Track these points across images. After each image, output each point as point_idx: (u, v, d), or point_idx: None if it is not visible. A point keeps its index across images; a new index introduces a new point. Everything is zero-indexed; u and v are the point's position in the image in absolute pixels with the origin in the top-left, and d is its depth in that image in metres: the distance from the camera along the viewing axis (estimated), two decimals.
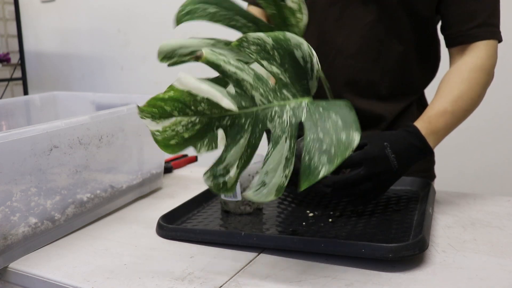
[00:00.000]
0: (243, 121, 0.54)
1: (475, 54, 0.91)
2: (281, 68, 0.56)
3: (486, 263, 0.65)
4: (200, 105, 0.51)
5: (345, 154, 0.50)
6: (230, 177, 0.55)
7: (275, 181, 0.54)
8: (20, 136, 0.70)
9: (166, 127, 0.51)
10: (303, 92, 0.57)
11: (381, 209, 0.83)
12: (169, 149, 0.53)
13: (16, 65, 3.03)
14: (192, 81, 0.50)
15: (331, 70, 1.00)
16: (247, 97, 0.54)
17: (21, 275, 0.70)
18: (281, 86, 0.56)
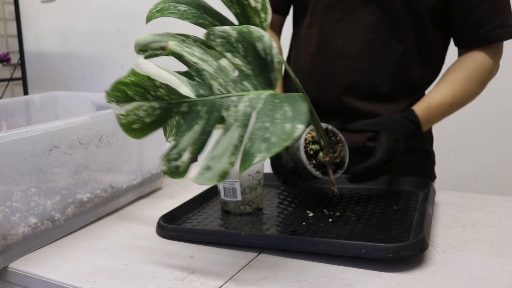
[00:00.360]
0: (199, 108, 0.56)
1: (483, 53, 0.95)
2: (244, 60, 0.58)
3: (486, 263, 0.65)
4: (159, 90, 0.53)
5: (284, 143, 0.51)
6: (182, 161, 0.57)
7: (220, 166, 0.55)
8: (20, 136, 0.70)
9: (129, 111, 0.53)
10: (265, 85, 0.58)
11: (381, 209, 0.83)
12: (132, 133, 0.55)
13: (16, 65, 3.03)
14: (152, 67, 0.52)
15: (332, 71, 1.00)
16: (206, 86, 0.56)
17: (21, 275, 0.70)
18: (242, 78, 0.58)
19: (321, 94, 1.03)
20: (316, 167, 0.81)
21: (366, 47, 0.97)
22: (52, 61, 3.16)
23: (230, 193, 0.83)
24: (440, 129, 1.18)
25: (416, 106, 0.93)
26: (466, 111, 1.97)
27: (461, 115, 1.93)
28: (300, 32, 1.06)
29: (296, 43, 1.09)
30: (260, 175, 0.85)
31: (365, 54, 0.97)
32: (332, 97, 1.02)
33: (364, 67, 0.98)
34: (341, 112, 1.02)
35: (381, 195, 0.90)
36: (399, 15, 0.94)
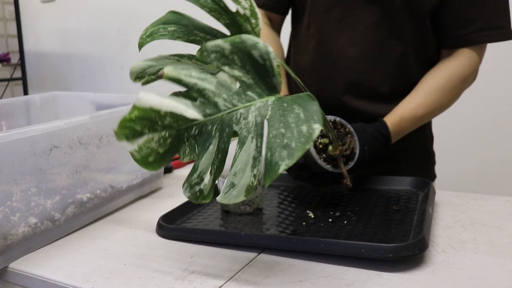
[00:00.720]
0: (210, 128, 0.55)
1: (458, 60, 0.95)
2: (243, 70, 0.57)
3: (486, 263, 0.65)
4: (165, 119, 0.53)
5: (305, 146, 0.51)
6: (205, 184, 0.56)
7: (244, 181, 0.54)
8: (20, 136, 0.70)
9: (141, 145, 0.52)
10: (269, 91, 0.58)
11: (381, 209, 0.83)
12: (150, 167, 0.54)
13: (16, 65, 3.03)
14: (152, 97, 0.51)
15: (332, 72, 1.00)
16: (211, 104, 0.55)
17: (21, 275, 0.70)
18: (245, 88, 0.57)
19: (321, 94, 1.03)
20: (327, 161, 0.81)
21: (366, 48, 0.97)
22: (52, 61, 3.16)
23: None
24: (441, 129, 1.18)
25: (388, 118, 0.93)
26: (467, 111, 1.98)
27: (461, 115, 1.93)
28: (299, 32, 1.06)
29: (295, 43, 1.09)
30: (260, 175, 0.85)
31: (365, 54, 0.97)
32: (332, 97, 1.02)
33: (365, 67, 0.98)
34: (341, 112, 1.02)
35: (381, 195, 0.90)
36: (399, 15, 0.94)
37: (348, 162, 0.83)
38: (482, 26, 0.92)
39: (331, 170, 0.81)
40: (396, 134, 0.93)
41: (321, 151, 0.81)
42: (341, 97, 1.01)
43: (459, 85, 0.96)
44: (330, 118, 0.85)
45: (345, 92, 1.00)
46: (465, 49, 0.95)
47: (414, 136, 1.00)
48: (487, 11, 0.92)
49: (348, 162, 0.83)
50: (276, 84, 0.58)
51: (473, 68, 0.96)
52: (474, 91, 1.10)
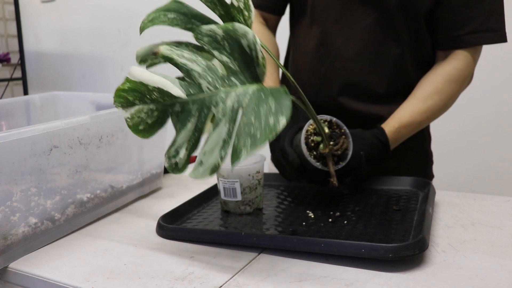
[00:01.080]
0: (191, 107, 0.59)
1: (453, 63, 0.95)
2: (231, 56, 0.60)
3: (486, 263, 0.65)
4: (153, 93, 0.58)
5: (268, 137, 0.54)
6: (180, 158, 0.61)
7: (211, 161, 0.58)
8: (20, 136, 0.70)
9: (133, 114, 0.58)
10: (252, 79, 0.61)
11: (381, 209, 0.83)
12: (140, 134, 0.60)
13: (16, 65, 3.03)
14: (143, 72, 0.56)
15: (330, 72, 1.01)
16: (195, 85, 0.60)
17: (21, 275, 0.70)
18: (230, 74, 0.61)
19: (319, 94, 1.04)
20: (317, 158, 0.81)
21: (363, 49, 0.97)
22: (52, 61, 3.16)
23: (230, 193, 0.83)
24: (441, 129, 1.18)
25: (386, 125, 0.93)
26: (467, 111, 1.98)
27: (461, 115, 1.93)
28: (299, 32, 1.07)
29: (294, 43, 1.09)
30: (260, 175, 0.85)
31: (362, 55, 0.97)
32: (330, 98, 1.02)
33: (362, 68, 0.98)
34: (338, 113, 1.02)
35: (381, 195, 0.90)
36: (395, 17, 0.94)
37: (339, 162, 0.83)
38: (477, 28, 0.92)
39: (320, 167, 0.81)
40: (395, 141, 0.93)
41: (312, 148, 0.82)
42: (338, 97, 1.01)
43: (456, 88, 0.96)
44: (326, 118, 0.85)
45: (342, 93, 1.01)
46: (460, 51, 0.95)
47: (412, 136, 1.00)
48: (482, 13, 0.92)
49: (340, 162, 0.83)
50: (259, 74, 0.61)
51: (469, 70, 0.96)
52: (474, 91, 1.11)
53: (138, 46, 0.70)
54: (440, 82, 0.95)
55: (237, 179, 0.83)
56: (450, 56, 0.96)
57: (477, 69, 0.99)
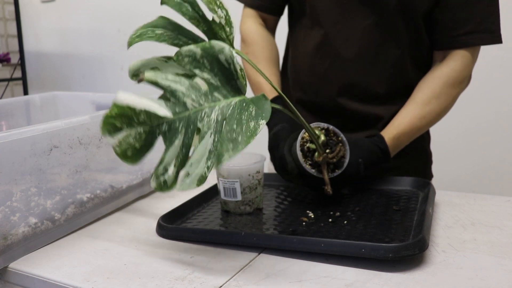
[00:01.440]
0: (177, 125, 0.61)
1: (451, 65, 0.95)
2: (211, 73, 0.63)
3: (486, 263, 0.65)
4: (140, 116, 0.58)
5: (249, 140, 0.57)
6: (168, 176, 0.61)
7: (198, 171, 0.60)
8: (20, 136, 0.70)
9: (120, 140, 0.58)
10: (234, 92, 0.64)
11: (381, 209, 0.83)
12: (128, 160, 0.59)
13: (16, 65, 3.03)
14: (129, 97, 0.57)
15: (330, 72, 1.01)
16: (180, 104, 0.61)
17: (21, 275, 0.70)
18: (212, 90, 0.63)
19: (318, 94, 1.04)
20: (313, 165, 0.81)
21: (363, 49, 0.97)
22: (52, 61, 3.16)
23: (230, 193, 0.84)
24: (441, 129, 1.18)
25: (385, 133, 0.93)
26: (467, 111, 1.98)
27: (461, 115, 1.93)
28: (298, 32, 1.07)
29: (293, 43, 1.09)
30: (260, 175, 0.85)
31: (362, 56, 0.97)
32: (329, 98, 1.02)
33: (361, 69, 0.99)
34: (337, 113, 1.02)
35: (381, 195, 0.90)
36: (394, 18, 0.94)
37: (335, 170, 0.83)
38: (474, 29, 0.92)
39: (315, 174, 0.81)
40: (395, 148, 0.93)
41: (308, 155, 0.82)
42: (337, 98, 1.01)
43: (454, 90, 0.96)
44: (323, 126, 0.84)
45: (341, 93, 1.01)
46: (458, 51, 0.94)
47: None
48: (479, 14, 0.92)
49: (336, 170, 0.83)
50: (240, 86, 0.64)
51: (466, 71, 0.96)
52: (473, 91, 1.11)
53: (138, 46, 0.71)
54: (439, 86, 0.95)
55: (237, 179, 0.83)
56: (448, 57, 0.96)
57: (477, 69, 0.99)
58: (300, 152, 0.81)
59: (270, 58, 1.07)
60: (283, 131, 0.89)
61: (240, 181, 0.83)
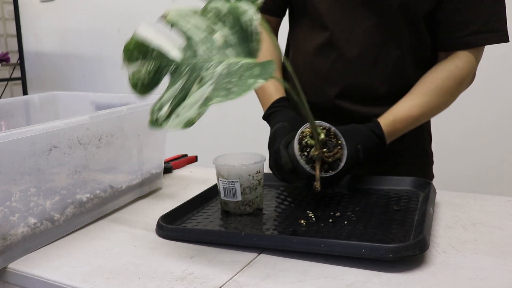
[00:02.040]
0: (183, 69, 0.65)
1: (455, 62, 0.95)
2: (231, 31, 0.66)
3: (486, 264, 0.65)
4: (153, 52, 0.64)
5: (241, 93, 0.57)
6: (161, 114, 0.63)
7: (188, 114, 0.60)
8: (20, 136, 0.70)
9: (135, 71, 0.63)
10: (246, 54, 0.66)
11: (381, 209, 0.83)
12: (137, 91, 0.65)
13: (15, 65, 3.02)
14: (148, 32, 0.62)
15: (332, 73, 1.00)
16: (192, 50, 0.65)
17: (21, 275, 0.69)
18: (226, 46, 0.66)
19: (318, 95, 1.03)
20: (307, 161, 0.81)
21: (364, 51, 0.97)
22: (52, 61, 3.16)
23: (230, 193, 0.83)
24: (441, 129, 1.18)
25: (381, 119, 0.93)
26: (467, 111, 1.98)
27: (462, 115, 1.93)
28: (299, 32, 1.06)
29: (294, 43, 1.09)
30: (260, 175, 0.85)
31: (363, 57, 0.97)
32: (329, 99, 1.02)
33: (363, 70, 0.98)
34: (337, 114, 1.02)
35: (382, 195, 0.90)
36: (396, 19, 0.94)
37: (329, 170, 0.82)
38: (478, 29, 0.92)
39: (308, 170, 0.81)
40: (391, 134, 0.93)
41: (304, 150, 0.82)
42: (338, 98, 1.01)
43: (455, 86, 0.95)
44: (325, 126, 0.84)
45: (342, 95, 1.01)
46: (462, 51, 0.95)
47: (412, 136, 1.00)
48: (483, 14, 0.91)
49: (330, 170, 0.82)
50: (253, 50, 0.66)
51: (470, 70, 0.95)
52: (474, 91, 1.10)
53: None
54: (440, 79, 0.95)
55: (237, 179, 0.82)
56: (452, 55, 0.96)
57: (478, 69, 0.99)
58: (298, 145, 0.81)
59: (273, 59, 1.07)
60: (282, 129, 0.89)
61: (240, 181, 0.83)
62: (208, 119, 2.96)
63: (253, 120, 2.54)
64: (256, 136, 2.52)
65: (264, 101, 1.03)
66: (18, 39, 2.98)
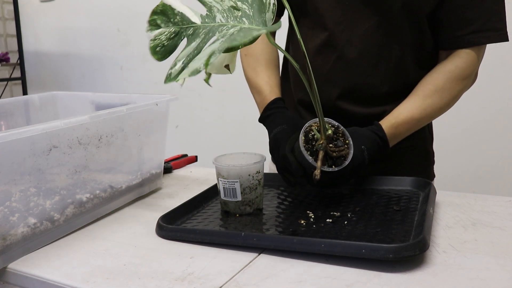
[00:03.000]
0: (200, 31, 0.71)
1: (456, 62, 0.95)
2: (249, 4, 0.72)
3: (487, 264, 0.65)
4: (176, 17, 0.71)
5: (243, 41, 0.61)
6: (175, 69, 0.68)
7: (195, 65, 0.64)
8: (19, 136, 0.70)
9: (155, 35, 0.70)
10: (260, 23, 0.71)
11: (381, 209, 0.83)
12: (155, 55, 0.70)
13: (15, 65, 3.02)
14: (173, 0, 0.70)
15: (332, 74, 1.00)
16: (211, 17, 0.72)
17: (21, 275, 0.69)
18: (243, 15, 0.72)
19: (319, 96, 1.03)
20: (311, 153, 0.81)
21: (365, 51, 0.97)
22: (52, 61, 3.15)
23: (230, 193, 0.83)
24: (442, 128, 1.18)
25: (383, 122, 0.93)
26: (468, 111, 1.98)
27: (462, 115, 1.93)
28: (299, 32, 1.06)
29: (294, 43, 1.09)
30: (260, 175, 0.85)
31: (364, 57, 0.97)
32: (330, 99, 1.02)
33: (364, 70, 0.98)
34: (338, 115, 1.02)
35: (382, 196, 0.90)
36: (397, 19, 0.94)
37: (332, 166, 0.82)
38: (479, 28, 0.92)
39: (310, 161, 0.80)
40: (393, 136, 0.93)
41: (309, 142, 0.82)
42: (338, 99, 1.01)
43: (457, 86, 0.95)
44: (334, 123, 0.85)
45: (343, 95, 1.00)
46: (463, 50, 0.94)
47: (414, 136, 1.00)
48: (484, 13, 0.92)
49: (333, 166, 0.82)
50: (267, 19, 0.71)
51: (471, 69, 0.95)
52: (475, 91, 1.10)
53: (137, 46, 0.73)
54: (442, 80, 0.94)
55: (237, 179, 0.82)
56: (452, 55, 0.95)
57: (480, 68, 0.99)
58: (303, 137, 0.81)
59: (270, 59, 1.07)
60: (282, 133, 0.89)
61: (240, 181, 0.83)
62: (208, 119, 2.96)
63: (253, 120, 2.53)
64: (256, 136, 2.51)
65: (259, 102, 1.03)
66: (18, 39, 2.97)
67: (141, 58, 2.67)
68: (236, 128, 2.50)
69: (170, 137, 1.07)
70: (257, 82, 1.04)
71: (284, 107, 0.98)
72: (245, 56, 1.08)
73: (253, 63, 1.06)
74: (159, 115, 0.99)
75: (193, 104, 2.56)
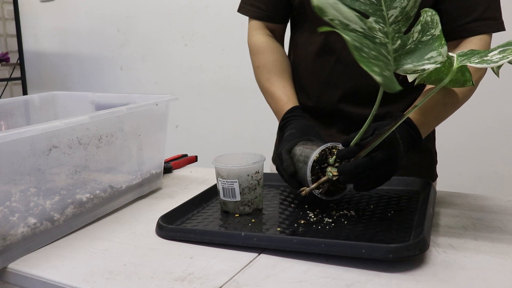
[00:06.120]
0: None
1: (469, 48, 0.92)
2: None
3: (487, 264, 0.65)
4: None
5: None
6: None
7: None
8: (19, 136, 0.70)
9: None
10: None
11: (381, 209, 0.83)
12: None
13: (15, 65, 3.02)
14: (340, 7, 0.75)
15: (333, 77, 1.00)
16: (372, 30, 0.79)
17: (20, 275, 0.69)
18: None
19: (321, 99, 1.04)
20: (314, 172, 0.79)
21: None
22: (51, 61, 3.15)
23: (229, 193, 0.83)
24: (443, 128, 1.17)
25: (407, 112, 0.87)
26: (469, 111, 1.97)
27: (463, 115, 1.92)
28: (299, 37, 1.07)
29: (295, 48, 1.09)
30: (260, 175, 0.85)
31: None
32: (332, 102, 1.02)
33: (363, 72, 0.98)
34: (341, 117, 1.02)
35: (382, 195, 0.90)
36: None
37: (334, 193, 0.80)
38: (478, 17, 0.93)
39: (309, 178, 0.78)
40: (421, 124, 0.86)
41: (321, 163, 0.79)
42: (340, 102, 1.01)
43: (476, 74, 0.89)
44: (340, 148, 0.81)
45: (344, 97, 1.00)
46: (469, 39, 0.94)
47: None
48: (482, 2, 0.92)
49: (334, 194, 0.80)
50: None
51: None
52: (478, 92, 1.10)
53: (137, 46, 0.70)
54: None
55: (236, 180, 0.82)
56: (461, 44, 0.94)
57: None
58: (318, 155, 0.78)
59: (283, 69, 1.07)
60: (289, 135, 0.90)
61: (239, 182, 0.83)
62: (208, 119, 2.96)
63: (253, 120, 2.54)
64: (256, 136, 2.52)
65: (276, 110, 1.03)
66: (18, 39, 2.97)
67: (141, 58, 2.67)
68: (236, 128, 2.50)
69: (170, 137, 1.07)
70: (274, 92, 1.03)
71: (300, 115, 0.98)
72: (257, 68, 1.08)
73: (267, 74, 1.06)
74: (159, 115, 0.99)
75: (193, 104, 2.57)
